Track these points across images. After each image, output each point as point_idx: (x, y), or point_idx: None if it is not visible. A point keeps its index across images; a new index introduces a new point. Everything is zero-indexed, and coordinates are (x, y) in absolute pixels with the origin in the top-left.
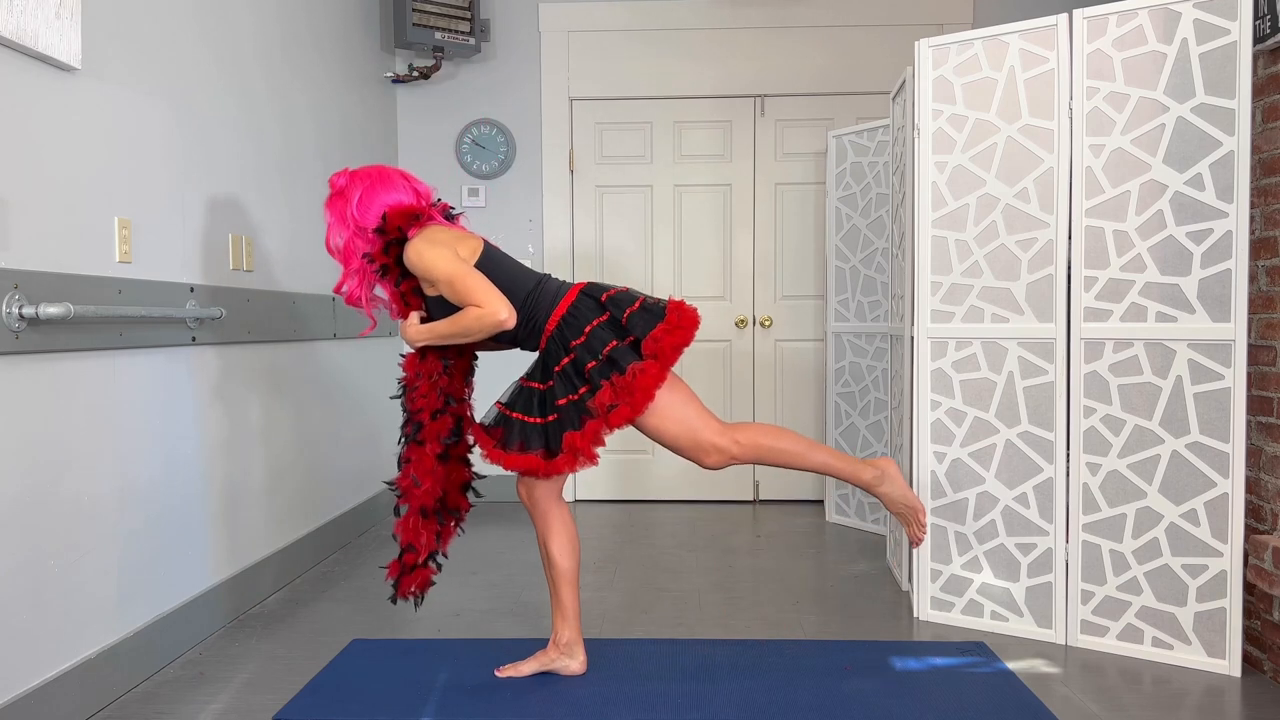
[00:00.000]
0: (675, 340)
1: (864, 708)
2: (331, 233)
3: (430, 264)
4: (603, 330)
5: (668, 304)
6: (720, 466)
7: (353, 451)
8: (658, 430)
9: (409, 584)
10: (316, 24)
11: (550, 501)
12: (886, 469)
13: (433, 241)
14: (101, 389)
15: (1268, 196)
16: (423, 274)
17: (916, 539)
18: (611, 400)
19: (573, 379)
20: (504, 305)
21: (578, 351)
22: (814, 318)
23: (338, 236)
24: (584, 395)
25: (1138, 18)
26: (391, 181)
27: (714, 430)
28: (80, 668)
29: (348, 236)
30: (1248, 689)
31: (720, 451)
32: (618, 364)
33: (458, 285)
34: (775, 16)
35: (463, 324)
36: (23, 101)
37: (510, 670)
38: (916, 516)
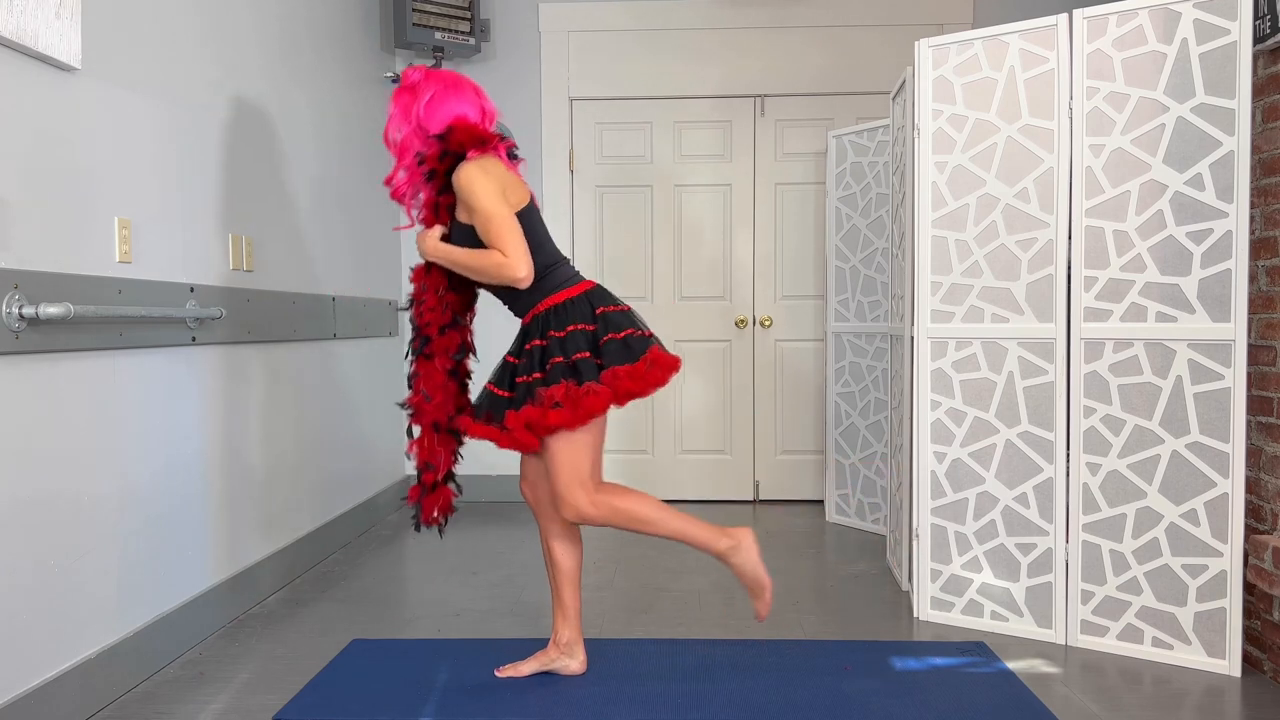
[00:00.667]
0: (632, 387)
1: (864, 708)
2: (392, 124)
3: (478, 194)
4: (581, 336)
5: (650, 349)
6: (571, 520)
7: (353, 451)
8: (555, 455)
9: (431, 506)
10: (317, 24)
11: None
12: (742, 540)
13: (487, 172)
14: (101, 389)
15: (1268, 196)
16: (465, 199)
17: (760, 615)
18: (560, 399)
19: (536, 363)
20: (526, 263)
21: (551, 341)
22: (814, 318)
23: (397, 130)
24: (537, 381)
25: (1138, 18)
26: (464, 92)
27: (585, 487)
28: (80, 668)
29: (407, 132)
30: (1248, 689)
31: (576, 510)
32: (578, 373)
33: (493, 226)
34: (775, 16)
35: (482, 263)
36: (23, 101)
37: (510, 670)
38: (763, 594)
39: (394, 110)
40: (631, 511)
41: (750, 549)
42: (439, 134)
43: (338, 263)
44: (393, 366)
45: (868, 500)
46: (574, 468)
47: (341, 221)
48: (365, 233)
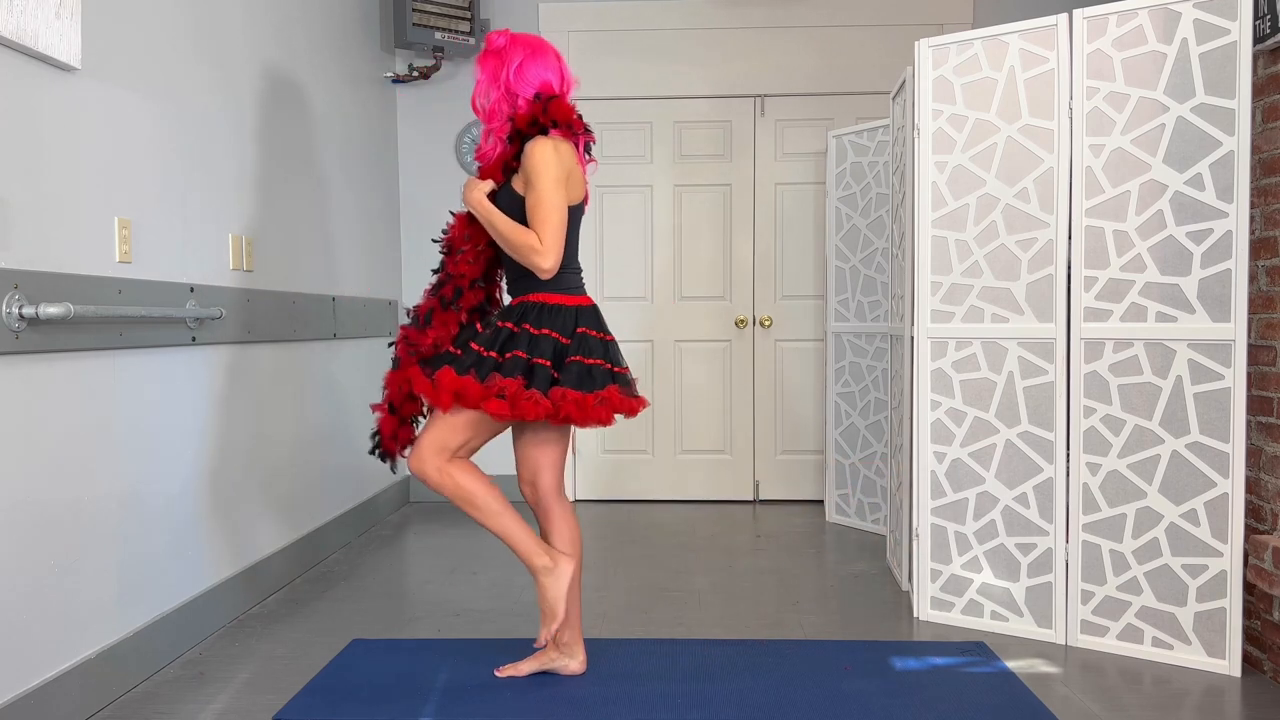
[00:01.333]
0: (570, 412)
1: (864, 708)
2: (480, 90)
3: (543, 173)
4: (549, 344)
5: (608, 389)
6: (413, 471)
7: (352, 452)
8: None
9: (405, 436)
10: (316, 24)
11: (553, 499)
12: (560, 565)
13: (559, 155)
14: (101, 389)
15: (1268, 196)
16: (528, 172)
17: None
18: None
19: (500, 344)
20: (556, 256)
21: (522, 333)
22: (814, 318)
23: (485, 96)
24: (490, 361)
25: (1138, 18)
26: (547, 58)
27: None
28: (80, 668)
29: (496, 98)
30: (1248, 689)
31: (420, 466)
32: (533, 378)
33: (542, 209)
34: (775, 16)
35: (514, 238)
36: (23, 101)
37: (510, 670)
38: (550, 625)
39: (481, 76)
40: (469, 493)
41: (563, 577)
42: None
43: (338, 263)
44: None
45: (868, 500)
46: (448, 434)
47: (341, 221)
48: (365, 233)
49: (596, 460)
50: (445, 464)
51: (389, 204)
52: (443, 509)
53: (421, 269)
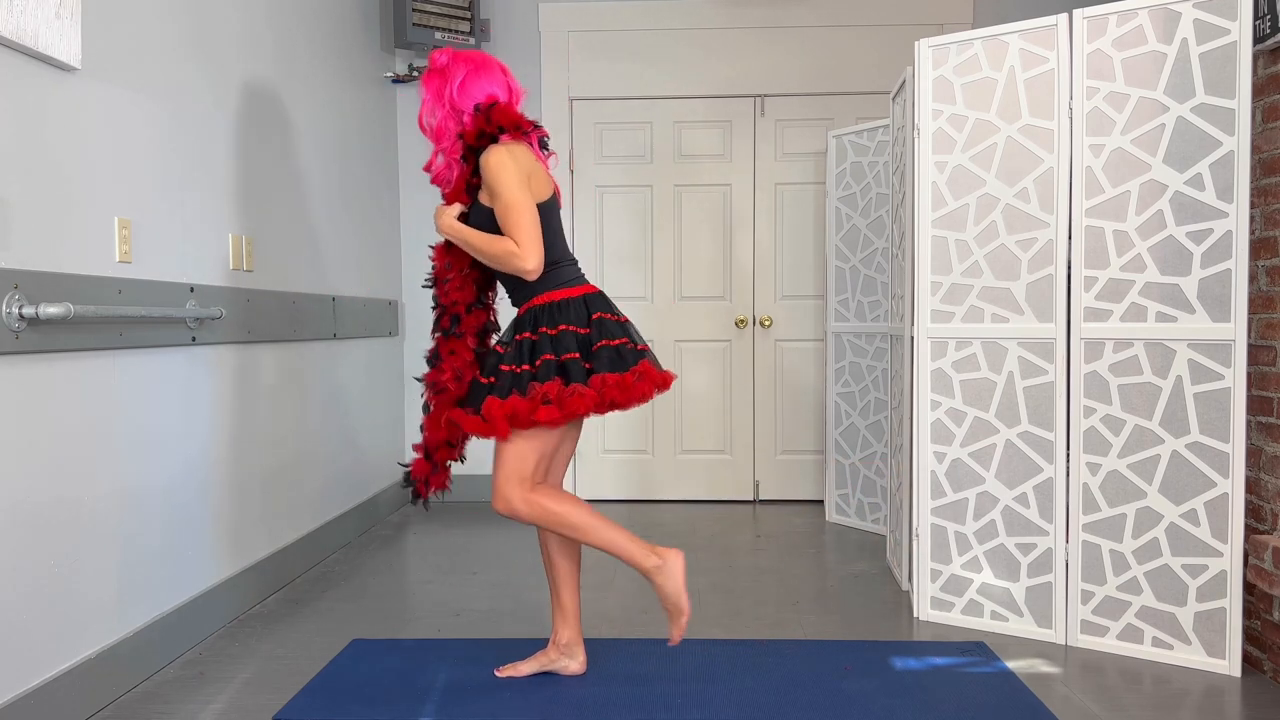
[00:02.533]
0: (616, 396)
1: (864, 708)
2: (425, 109)
3: (502, 180)
4: (573, 338)
5: (639, 364)
6: (500, 513)
7: (353, 451)
8: (501, 446)
9: (435, 483)
10: (316, 24)
11: None
12: (670, 562)
13: (515, 158)
14: (101, 389)
15: (1268, 196)
16: (490, 183)
17: (674, 639)
18: (551, 397)
19: (525, 355)
20: (537, 256)
21: (542, 337)
22: (814, 318)
23: (432, 115)
24: (525, 374)
25: (1138, 18)
26: (492, 72)
27: (522, 485)
28: (80, 668)
29: (442, 115)
30: (1248, 689)
31: (507, 502)
32: (568, 373)
33: (511, 215)
34: (775, 16)
35: (492, 249)
36: (23, 101)
37: (510, 670)
38: (680, 620)
39: (426, 95)
40: (562, 516)
41: (676, 572)
42: (480, 110)
43: (338, 263)
44: (393, 366)
45: (868, 500)
46: (519, 463)
47: (342, 221)
48: (365, 233)
49: (597, 460)
50: (529, 494)
51: (389, 204)
52: (443, 509)
53: (421, 269)
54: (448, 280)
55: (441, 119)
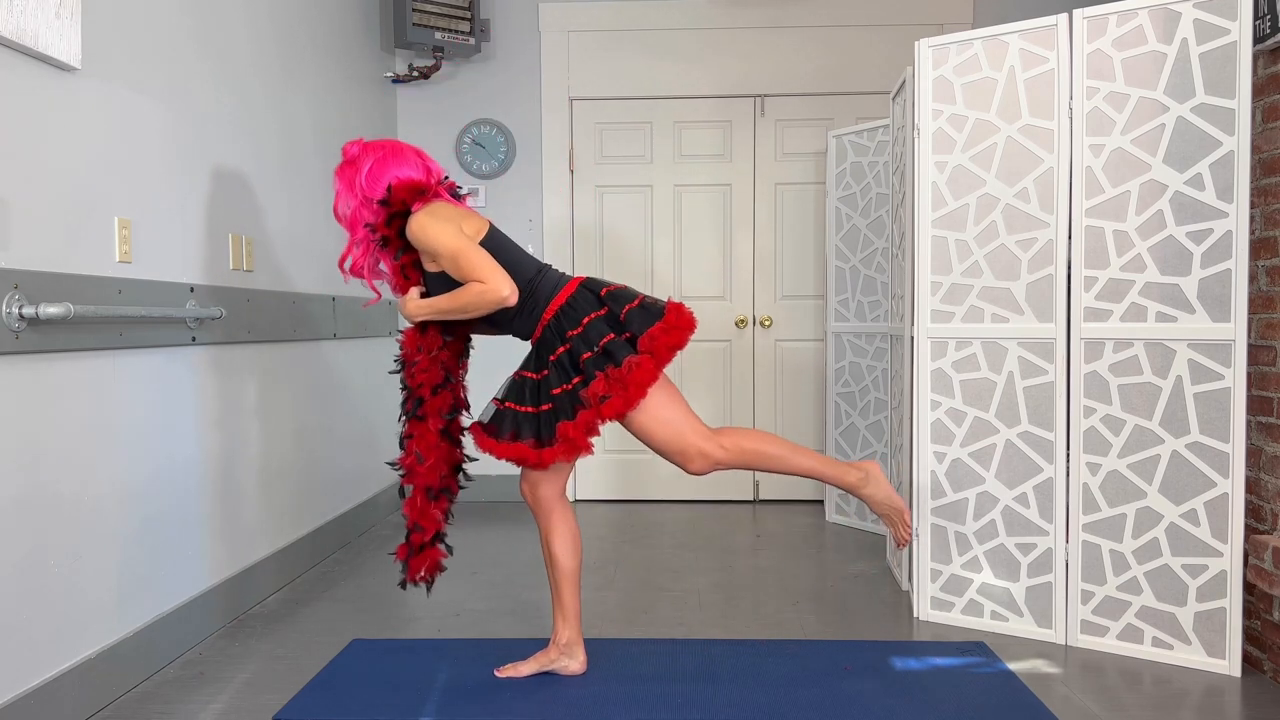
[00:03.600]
0: (671, 340)
1: (864, 708)
2: (339, 200)
3: (434, 238)
4: (600, 323)
5: (666, 304)
6: (704, 472)
7: (352, 451)
8: (645, 429)
9: (418, 566)
10: (316, 24)
11: (554, 500)
12: (871, 470)
13: (436, 216)
14: (101, 389)
15: (1268, 196)
16: (425, 247)
17: (902, 539)
18: (605, 391)
19: (567, 369)
20: (506, 282)
21: (574, 342)
22: (814, 318)
23: (345, 205)
24: (577, 385)
25: (1138, 18)
26: (404, 156)
27: (701, 435)
28: (80, 668)
29: (355, 205)
30: (1248, 689)
31: (705, 456)
32: (613, 357)
33: (461, 260)
34: (775, 16)
35: (463, 299)
36: (23, 101)
37: (510, 670)
38: (902, 517)
39: (339, 187)
40: (761, 450)
41: (880, 479)
42: (381, 200)
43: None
44: (392, 366)
45: None
46: (674, 430)
47: None
48: None
49: (597, 460)
50: (720, 440)
51: None
52: None
53: None
54: (415, 363)
55: (355, 209)
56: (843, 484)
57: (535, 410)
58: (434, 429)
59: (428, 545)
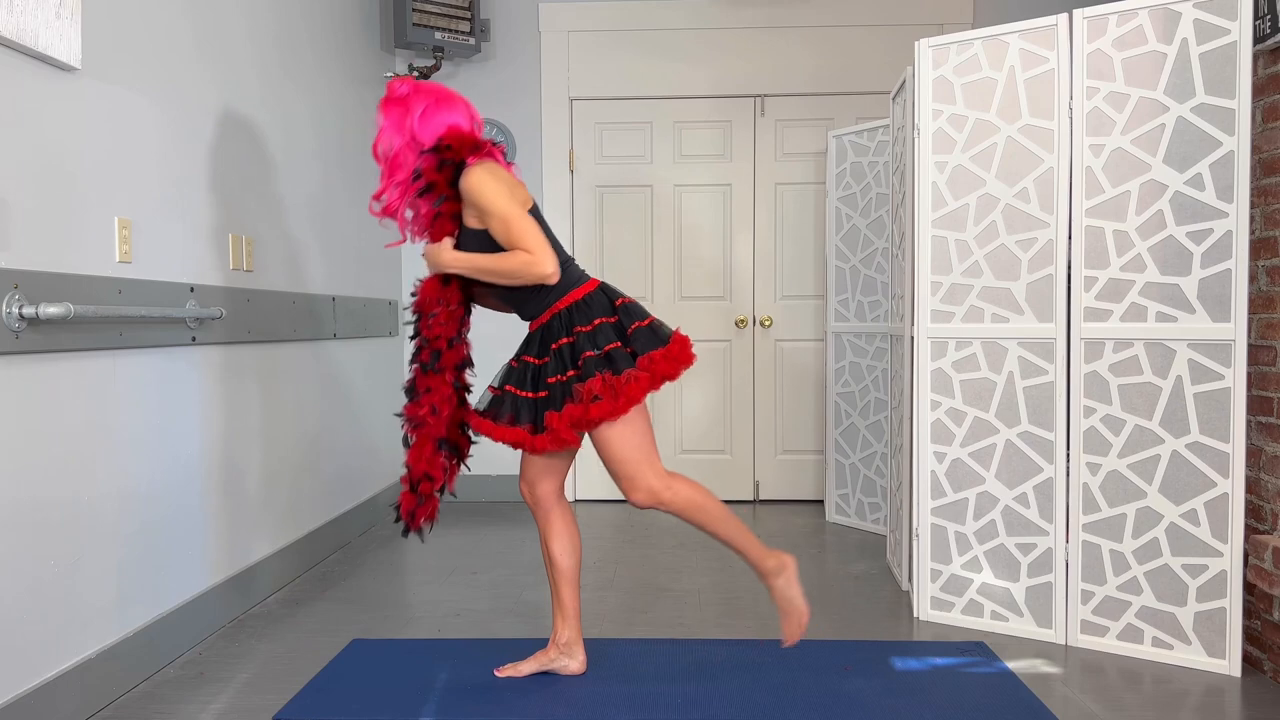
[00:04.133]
0: (667, 369)
1: (864, 708)
2: (383, 137)
3: (491, 198)
4: (609, 329)
5: (673, 333)
6: (644, 505)
7: (352, 451)
8: (611, 444)
9: (422, 514)
10: (316, 24)
11: (553, 500)
12: (788, 564)
13: (496, 176)
14: (101, 389)
15: (1268, 196)
16: (479, 204)
17: (789, 638)
18: (599, 392)
19: (566, 361)
20: (552, 259)
21: (579, 338)
22: (814, 318)
23: (388, 143)
24: (572, 379)
25: (1138, 18)
26: (455, 105)
27: (655, 471)
28: (80, 668)
29: (399, 146)
30: (1248, 689)
31: (652, 491)
32: (614, 363)
33: (513, 227)
34: (775, 16)
35: (509, 265)
36: (22, 101)
37: (509, 670)
38: (800, 620)
39: (384, 123)
40: (703, 505)
41: (793, 576)
42: (432, 146)
43: (338, 263)
44: (393, 366)
45: (868, 500)
46: (638, 452)
47: (341, 221)
48: (365, 233)
49: (597, 460)
50: (671, 482)
51: None
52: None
53: (421, 269)
54: (434, 315)
55: (400, 149)
56: (759, 566)
57: (534, 396)
58: (449, 382)
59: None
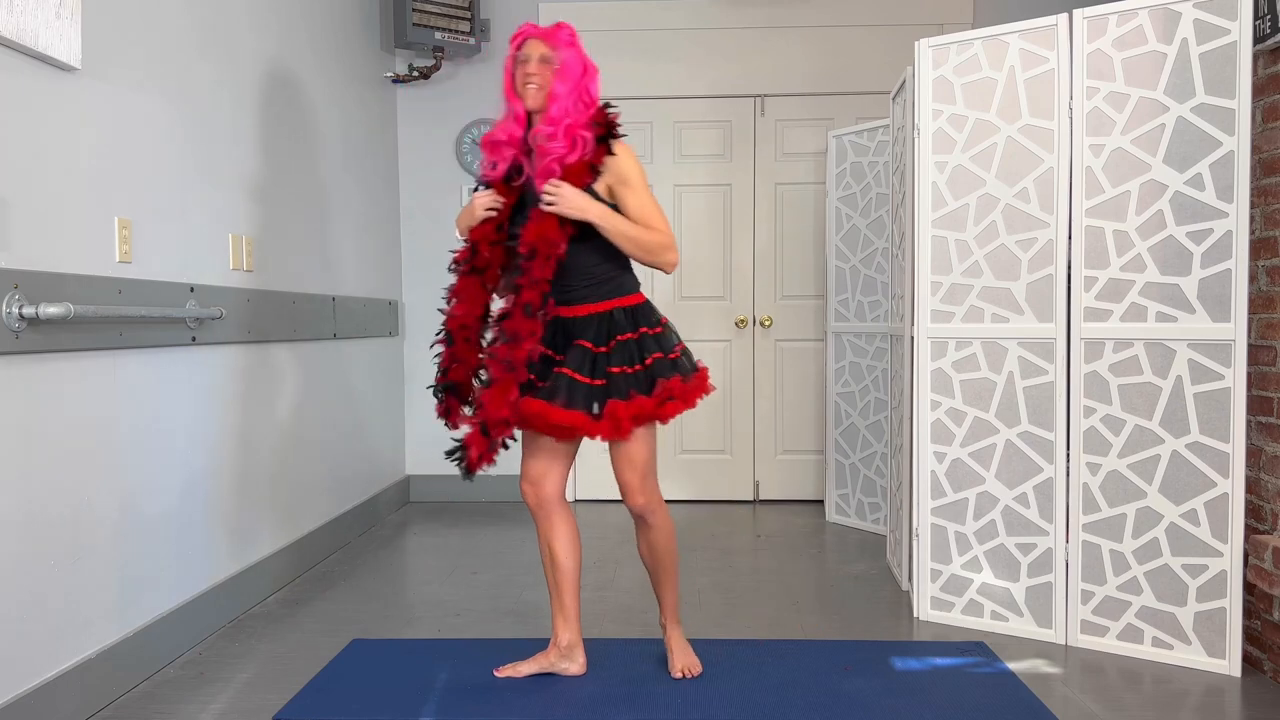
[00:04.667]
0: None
1: (864, 708)
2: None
3: (639, 175)
4: (672, 335)
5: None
6: (637, 509)
7: (352, 452)
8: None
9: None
10: (317, 24)
11: (555, 501)
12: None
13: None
14: (101, 389)
15: (1268, 196)
16: (628, 177)
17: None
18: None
19: (634, 355)
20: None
21: (646, 337)
22: (814, 318)
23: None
24: (639, 373)
25: (1138, 18)
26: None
27: (657, 484)
28: (80, 668)
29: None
30: (1248, 689)
31: (649, 499)
32: (682, 369)
33: (654, 211)
34: (775, 16)
35: (648, 239)
36: (23, 101)
37: (509, 670)
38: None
39: (567, 61)
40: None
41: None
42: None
43: (338, 263)
44: (393, 366)
45: (868, 500)
46: (654, 459)
47: (342, 221)
48: (365, 233)
49: (596, 461)
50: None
51: (389, 204)
52: (443, 509)
53: (421, 269)
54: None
55: (574, 98)
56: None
57: (592, 382)
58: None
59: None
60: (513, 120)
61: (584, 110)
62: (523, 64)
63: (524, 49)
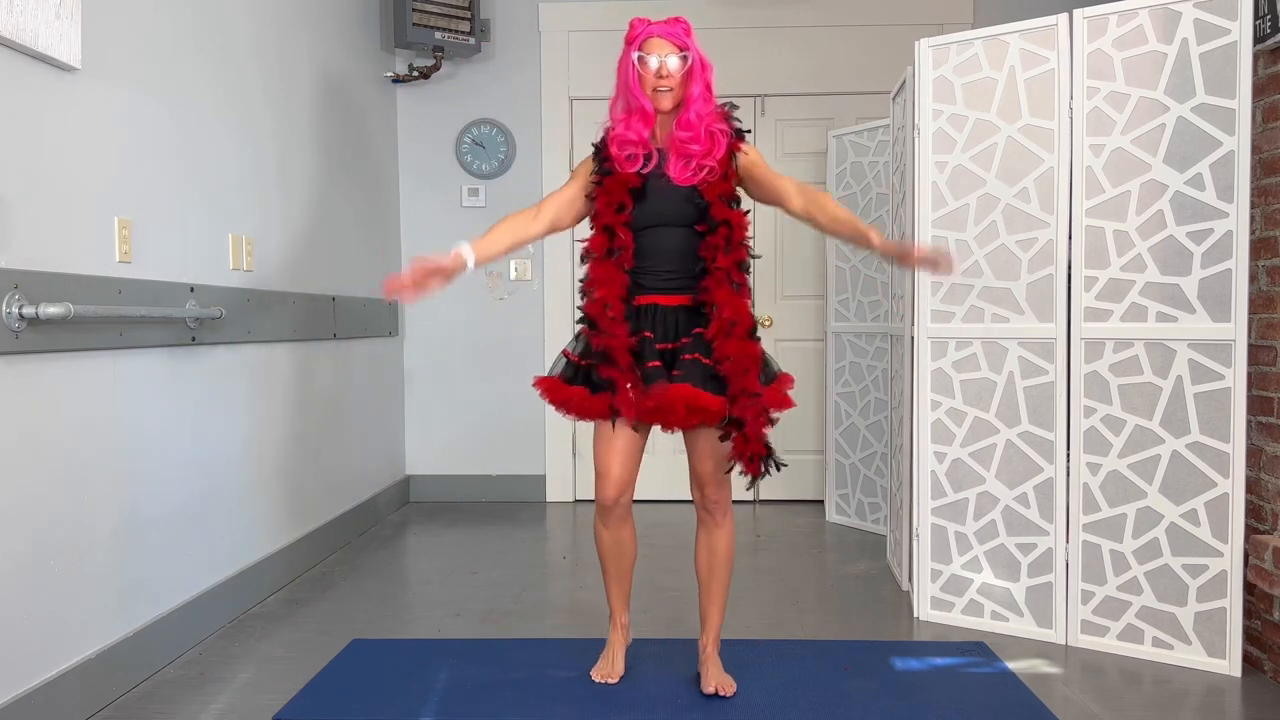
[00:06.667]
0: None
1: (864, 708)
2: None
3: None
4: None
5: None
6: (712, 501)
7: (352, 452)
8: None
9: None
10: (316, 24)
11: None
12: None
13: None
14: (101, 389)
15: (1268, 196)
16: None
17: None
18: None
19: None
20: None
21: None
22: (814, 318)
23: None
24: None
25: (1138, 17)
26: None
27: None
28: (80, 668)
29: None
30: (1248, 689)
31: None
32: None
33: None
34: (775, 16)
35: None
36: (23, 101)
37: (604, 675)
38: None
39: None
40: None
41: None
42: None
43: (338, 263)
44: (393, 366)
45: (868, 500)
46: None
47: (342, 221)
48: (365, 233)
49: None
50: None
51: (389, 204)
52: (443, 509)
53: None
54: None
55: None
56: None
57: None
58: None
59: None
60: (640, 119)
61: (710, 102)
62: (651, 67)
63: (648, 48)
